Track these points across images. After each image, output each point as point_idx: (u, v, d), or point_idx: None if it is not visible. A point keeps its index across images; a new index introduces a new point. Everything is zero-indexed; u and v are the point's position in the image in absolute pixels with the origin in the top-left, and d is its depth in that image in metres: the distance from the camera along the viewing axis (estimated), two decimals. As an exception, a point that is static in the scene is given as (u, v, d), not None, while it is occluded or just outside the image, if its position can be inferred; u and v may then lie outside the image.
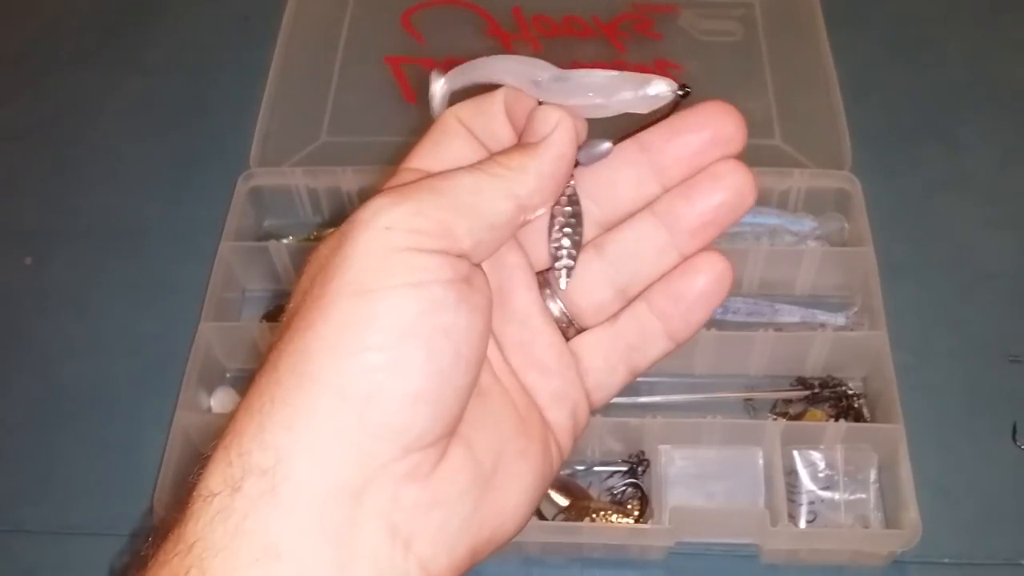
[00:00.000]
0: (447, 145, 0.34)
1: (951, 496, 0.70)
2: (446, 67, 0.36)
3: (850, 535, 0.68)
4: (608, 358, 0.36)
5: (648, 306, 0.35)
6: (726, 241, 0.79)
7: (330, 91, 0.90)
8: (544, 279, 0.36)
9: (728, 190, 0.34)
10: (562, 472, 0.72)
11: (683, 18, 0.94)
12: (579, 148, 0.34)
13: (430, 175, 0.32)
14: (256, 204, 0.83)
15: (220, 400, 0.76)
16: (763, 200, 0.81)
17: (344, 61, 0.92)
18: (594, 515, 0.69)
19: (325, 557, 0.28)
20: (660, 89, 0.33)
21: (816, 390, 0.75)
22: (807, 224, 0.80)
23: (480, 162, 0.32)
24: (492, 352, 0.35)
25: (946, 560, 0.68)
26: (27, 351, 0.81)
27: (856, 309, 0.77)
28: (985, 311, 0.79)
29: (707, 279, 0.35)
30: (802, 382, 0.75)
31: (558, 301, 0.36)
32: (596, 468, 0.73)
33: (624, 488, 0.71)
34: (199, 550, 0.27)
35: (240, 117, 0.87)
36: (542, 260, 0.36)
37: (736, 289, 0.79)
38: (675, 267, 0.35)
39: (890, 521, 0.69)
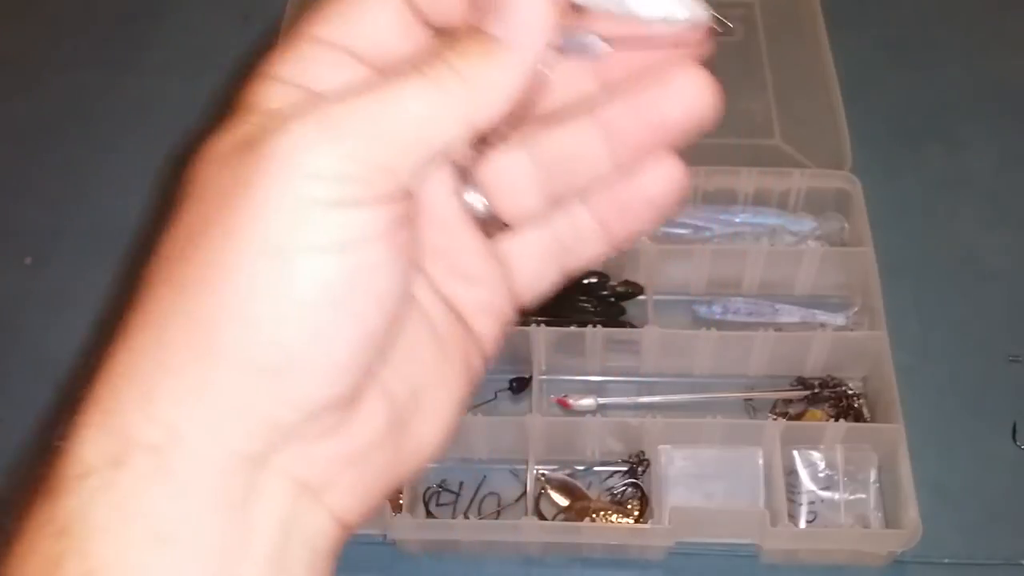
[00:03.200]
0: (368, 15, 0.27)
1: (951, 496, 0.70)
2: None
3: (850, 535, 0.68)
4: (538, 259, 0.32)
5: (587, 207, 0.31)
6: (726, 240, 0.80)
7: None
8: (461, 170, 0.30)
9: (682, 105, 0.28)
10: (562, 472, 0.72)
11: (683, 18, 0.94)
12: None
13: (365, 88, 0.25)
14: (256, 204, 0.83)
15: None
16: (763, 200, 0.81)
17: (344, 61, 0.92)
18: (594, 515, 0.69)
19: (220, 533, 0.25)
20: (700, 13, 0.27)
21: (816, 390, 0.75)
22: (807, 224, 0.80)
23: (429, 64, 0.26)
24: None
25: (946, 560, 0.68)
26: (27, 351, 0.81)
27: (856, 309, 0.77)
28: (985, 311, 0.79)
29: (656, 188, 0.30)
30: (802, 382, 0.75)
31: (480, 196, 0.30)
32: (596, 468, 0.73)
33: (624, 488, 0.71)
34: (77, 531, 0.24)
35: (240, 117, 0.87)
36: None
37: (736, 289, 0.80)
38: (616, 176, 0.30)
39: (890, 521, 0.69)
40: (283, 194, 0.24)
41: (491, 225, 0.31)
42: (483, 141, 0.29)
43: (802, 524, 0.69)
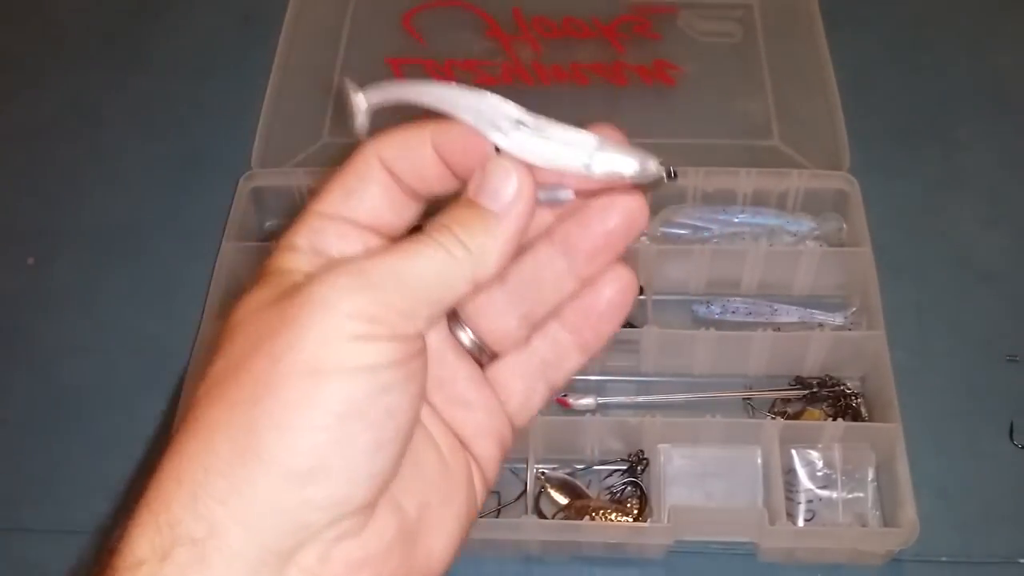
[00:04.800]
0: (363, 193, 0.34)
1: (949, 495, 0.71)
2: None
3: (848, 534, 0.69)
4: (526, 379, 0.37)
5: (560, 323, 0.37)
6: (725, 241, 0.80)
7: (331, 92, 0.90)
8: (451, 310, 0.36)
9: (620, 215, 0.34)
10: (562, 471, 0.72)
11: (682, 19, 0.94)
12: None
13: (390, 252, 0.31)
14: (258, 205, 0.83)
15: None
16: (762, 200, 0.81)
17: (345, 62, 0.92)
18: (594, 514, 0.69)
19: None
20: (650, 168, 0.32)
21: (814, 389, 0.75)
22: (806, 224, 0.80)
23: (440, 235, 0.32)
24: None
25: (943, 558, 0.68)
26: (28, 351, 0.81)
27: (854, 309, 0.77)
28: (984, 311, 0.80)
29: (613, 291, 0.36)
30: (800, 381, 0.76)
31: (468, 331, 0.36)
32: (596, 467, 0.73)
33: (624, 487, 0.71)
34: None
35: (241, 118, 0.87)
36: None
37: (735, 289, 0.80)
38: (578, 288, 0.36)
39: (888, 520, 0.69)
40: (322, 328, 0.29)
41: (481, 354, 0.36)
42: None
43: (800, 523, 0.69)
